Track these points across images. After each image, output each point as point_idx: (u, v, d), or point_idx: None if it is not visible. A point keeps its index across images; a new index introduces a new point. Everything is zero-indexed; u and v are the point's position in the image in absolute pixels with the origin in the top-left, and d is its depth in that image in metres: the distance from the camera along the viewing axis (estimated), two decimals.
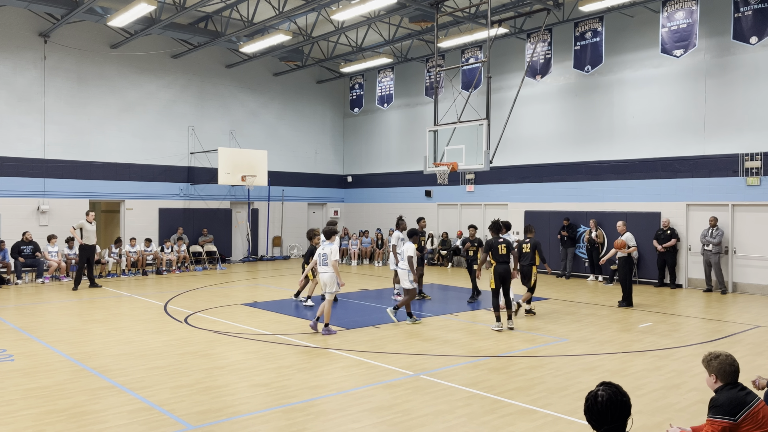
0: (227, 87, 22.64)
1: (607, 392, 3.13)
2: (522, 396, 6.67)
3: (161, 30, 18.15)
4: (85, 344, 9.17)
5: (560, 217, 18.18)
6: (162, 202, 20.89)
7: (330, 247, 9.92)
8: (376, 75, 22.48)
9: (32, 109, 18.27)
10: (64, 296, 14.11)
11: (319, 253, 10.03)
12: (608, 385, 3.19)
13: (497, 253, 10.20)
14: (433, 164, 14.68)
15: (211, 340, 9.43)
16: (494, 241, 10.30)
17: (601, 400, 3.11)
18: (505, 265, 10.22)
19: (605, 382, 3.23)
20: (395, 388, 6.95)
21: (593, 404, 3.13)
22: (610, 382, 3.22)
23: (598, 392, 3.15)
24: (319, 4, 15.78)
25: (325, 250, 9.92)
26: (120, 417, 5.98)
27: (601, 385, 3.20)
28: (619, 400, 3.11)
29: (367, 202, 25.21)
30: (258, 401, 6.52)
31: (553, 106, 18.77)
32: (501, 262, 10.21)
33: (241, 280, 17.45)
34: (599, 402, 3.11)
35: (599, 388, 3.18)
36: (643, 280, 16.33)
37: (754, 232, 14.68)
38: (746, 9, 13.45)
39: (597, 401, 3.12)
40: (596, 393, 3.15)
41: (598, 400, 3.12)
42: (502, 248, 10.21)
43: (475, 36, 17.60)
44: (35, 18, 18.19)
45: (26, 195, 18.12)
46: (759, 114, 14.58)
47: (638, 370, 7.77)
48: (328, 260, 9.84)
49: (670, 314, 11.93)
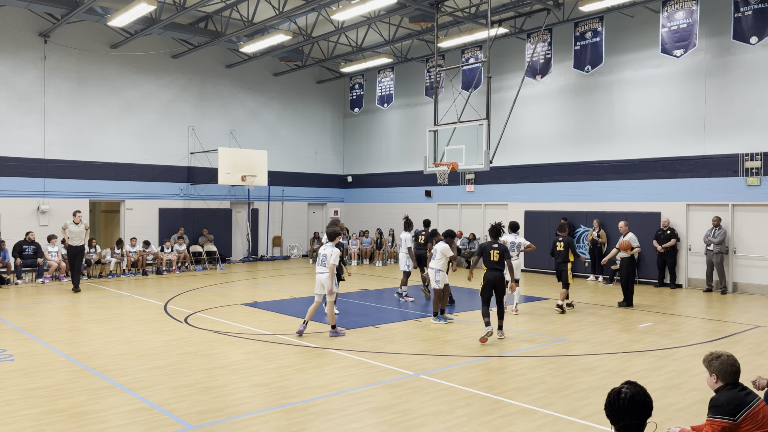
0: (227, 87, 22.64)
1: (631, 391, 3.17)
2: (522, 396, 6.67)
3: (161, 30, 18.15)
4: (85, 344, 9.17)
5: (560, 217, 18.17)
6: (162, 202, 20.90)
7: (331, 249, 9.72)
8: (376, 75, 22.48)
9: (32, 109, 18.27)
10: (64, 296, 14.11)
11: (320, 253, 9.93)
12: (633, 384, 3.23)
13: (489, 258, 9.46)
14: (433, 164, 14.68)
15: (211, 340, 9.43)
16: (488, 245, 9.56)
17: (624, 396, 3.15)
18: (496, 273, 9.41)
19: (630, 382, 3.26)
20: (395, 388, 6.95)
21: (615, 400, 3.18)
22: (636, 383, 3.25)
23: (622, 389, 3.19)
24: (319, 4, 15.78)
25: (326, 251, 9.72)
26: (120, 417, 5.98)
27: (626, 384, 3.24)
28: (642, 399, 3.15)
29: (367, 202, 25.21)
30: (258, 401, 6.52)
31: (553, 106, 18.77)
32: (492, 269, 9.43)
33: (241, 280, 17.45)
34: (621, 398, 3.16)
35: (623, 385, 3.23)
36: (643, 280, 16.33)
37: (754, 232, 14.68)
38: (746, 9, 13.45)
39: (619, 397, 3.17)
40: (620, 390, 3.20)
41: (620, 396, 3.17)
42: (494, 254, 9.42)
43: (475, 36, 17.60)
44: (35, 18, 18.20)
45: (26, 195, 18.13)
46: (759, 114, 14.59)
47: (638, 370, 7.77)
48: (327, 262, 9.61)
49: (670, 314, 11.93)
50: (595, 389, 6.92)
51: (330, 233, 9.98)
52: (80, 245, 15.06)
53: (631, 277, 12.70)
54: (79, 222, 15.02)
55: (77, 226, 14.98)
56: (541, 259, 18.90)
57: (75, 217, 15.07)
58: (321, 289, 9.71)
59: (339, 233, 10.14)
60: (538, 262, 19.02)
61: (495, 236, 9.72)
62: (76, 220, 15.01)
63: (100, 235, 22.30)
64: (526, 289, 15.40)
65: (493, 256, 9.44)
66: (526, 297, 14.17)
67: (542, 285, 16.23)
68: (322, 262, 9.73)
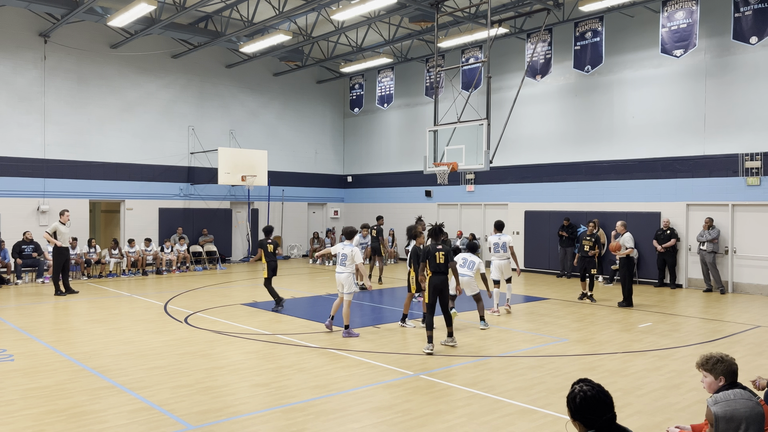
0: (227, 87, 22.64)
1: (587, 389, 3.11)
2: (522, 396, 6.67)
3: (161, 30, 18.15)
4: (85, 344, 9.17)
5: (560, 217, 18.18)
6: (162, 202, 20.89)
7: (350, 248, 9.79)
8: (376, 75, 22.48)
9: (32, 109, 18.27)
10: (63, 296, 14.10)
11: (338, 253, 9.91)
12: (588, 382, 3.17)
13: (434, 261, 8.81)
14: (433, 164, 14.68)
15: (211, 340, 9.43)
16: (432, 247, 8.91)
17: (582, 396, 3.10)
18: (442, 276, 8.83)
19: (584, 379, 3.21)
20: (395, 388, 6.95)
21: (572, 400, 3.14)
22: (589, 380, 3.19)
23: (576, 388, 3.15)
24: (319, 4, 15.78)
25: (345, 250, 9.81)
26: (120, 417, 5.98)
27: (581, 382, 3.18)
28: (597, 397, 3.10)
29: (367, 202, 25.20)
30: (258, 401, 6.52)
31: (553, 106, 18.77)
32: (437, 273, 8.81)
33: (241, 280, 17.46)
34: (577, 398, 3.11)
35: (580, 384, 3.17)
36: (643, 280, 16.34)
37: (754, 232, 14.68)
38: (746, 9, 13.45)
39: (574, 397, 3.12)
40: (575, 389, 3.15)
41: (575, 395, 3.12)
42: (440, 256, 8.81)
43: (475, 36, 17.60)
44: (35, 18, 18.20)
45: (26, 195, 18.13)
46: (759, 114, 14.59)
47: (638, 370, 7.76)
48: (347, 261, 9.74)
49: (670, 314, 11.93)
50: None
51: (347, 232, 10.00)
52: (68, 246, 14.52)
53: (628, 277, 12.71)
54: (66, 222, 14.42)
55: (66, 227, 14.33)
56: (541, 259, 18.90)
57: (63, 216, 14.41)
58: (341, 288, 9.82)
59: (356, 232, 10.14)
60: (538, 262, 19.03)
61: (436, 237, 9.07)
62: (64, 220, 14.36)
63: (100, 235, 22.31)
64: (526, 289, 15.41)
65: (438, 258, 8.83)
66: (527, 297, 14.18)
67: (542, 285, 16.23)
68: (341, 261, 9.79)
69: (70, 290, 14.39)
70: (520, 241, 19.53)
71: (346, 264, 9.78)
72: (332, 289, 15.18)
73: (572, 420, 3.20)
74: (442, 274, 8.86)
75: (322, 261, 22.39)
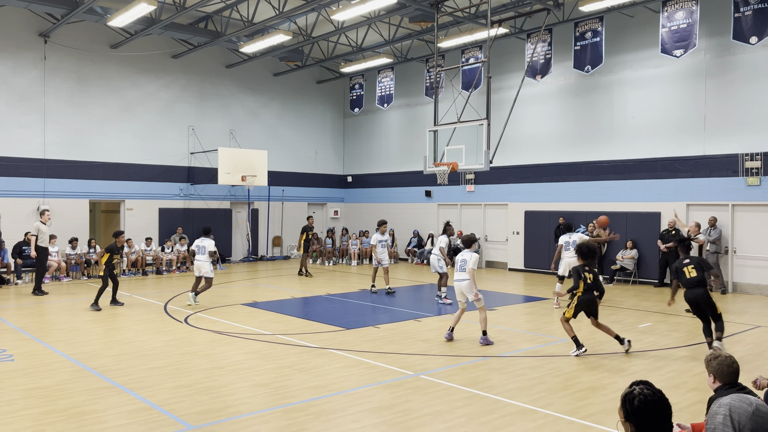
0: (227, 87, 22.64)
1: (645, 393, 2.94)
2: (522, 396, 6.67)
3: (161, 30, 18.15)
4: (85, 344, 9.17)
5: (560, 217, 18.16)
6: (162, 202, 20.89)
7: (469, 254, 9.38)
8: (376, 75, 22.48)
9: (32, 109, 18.27)
10: (64, 296, 14.11)
11: (457, 259, 9.52)
12: (648, 385, 3.01)
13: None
14: (433, 164, 14.68)
15: (211, 340, 9.43)
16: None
17: (640, 399, 2.91)
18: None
19: (644, 382, 3.06)
20: (395, 388, 6.95)
21: (627, 400, 2.96)
22: (650, 384, 3.03)
23: (635, 390, 2.98)
24: (319, 4, 15.78)
25: (464, 256, 9.41)
26: (120, 417, 5.98)
27: (640, 384, 3.01)
28: (656, 401, 2.91)
29: (367, 202, 25.21)
30: (258, 401, 6.52)
31: (553, 106, 18.77)
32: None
33: (241, 280, 17.45)
34: (634, 401, 2.92)
35: (638, 386, 3.01)
36: (643, 280, 16.33)
37: (754, 232, 14.68)
38: (746, 9, 13.45)
39: (633, 399, 2.92)
40: (632, 390, 2.97)
41: (633, 397, 2.92)
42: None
43: (475, 36, 17.60)
44: (35, 18, 18.20)
45: (26, 195, 18.12)
46: (759, 114, 14.59)
47: (638, 370, 7.77)
48: (467, 267, 9.27)
49: (670, 314, 11.93)
50: (595, 389, 6.92)
51: (466, 240, 9.64)
52: (47, 246, 14.56)
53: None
54: (47, 221, 14.41)
55: (46, 226, 14.39)
56: (541, 259, 18.90)
57: (44, 216, 14.44)
58: (461, 296, 9.43)
59: (476, 239, 9.91)
60: (538, 262, 19.02)
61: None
62: (45, 220, 14.38)
63: (100, 235, 22.29)
64: (526, 289, 15.40)
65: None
66: (526, 297, 14.17)
67: (542, 285, 16.22)
68: (461, 267, 9.37)
69: (41, 291, 14.29)
70: (520, 241, 19.54)
71: (465, 270, 9.27)
72: (332, 289, 15.18)
73: (624, 421, 3.02)
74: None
75: (322, 261, 22.40)
